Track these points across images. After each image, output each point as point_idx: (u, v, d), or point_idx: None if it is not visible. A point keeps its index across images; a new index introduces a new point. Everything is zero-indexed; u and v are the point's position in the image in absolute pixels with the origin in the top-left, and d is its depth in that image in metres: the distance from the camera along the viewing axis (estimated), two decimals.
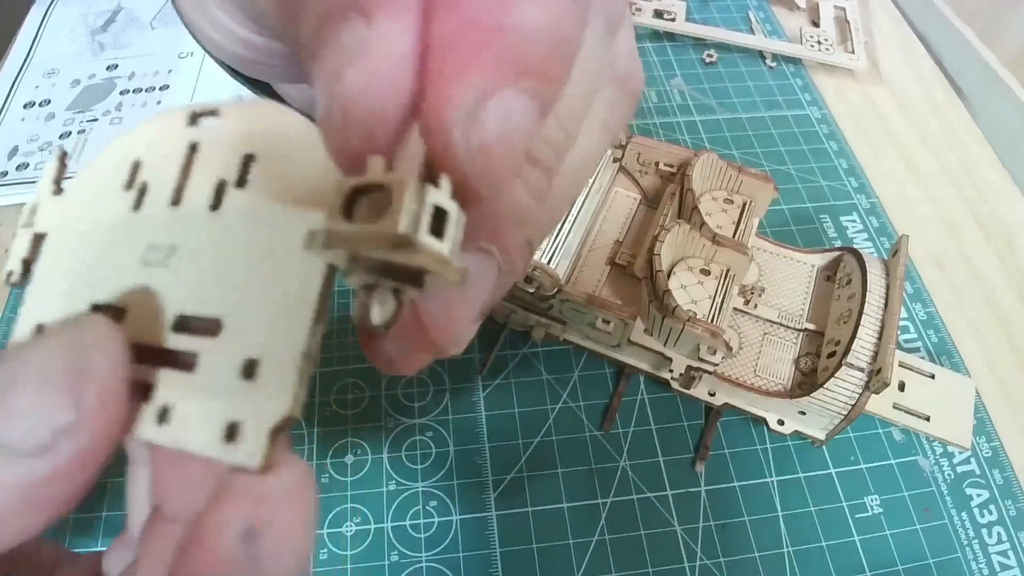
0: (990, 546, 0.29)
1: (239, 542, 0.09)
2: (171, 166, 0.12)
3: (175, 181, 0.12)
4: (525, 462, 0.31)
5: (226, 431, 0.10)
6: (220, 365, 0.11)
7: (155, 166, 0.12)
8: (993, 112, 0.45)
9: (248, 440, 0.10)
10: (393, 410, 0.32)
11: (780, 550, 0.29)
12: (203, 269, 0.11)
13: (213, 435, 0.10)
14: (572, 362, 0.34)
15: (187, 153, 0.12)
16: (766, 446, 0.31)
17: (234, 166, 0.12)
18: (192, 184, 0.12)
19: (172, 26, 0.50)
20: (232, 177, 0.12)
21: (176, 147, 0.12)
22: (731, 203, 0.33)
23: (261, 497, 0.10)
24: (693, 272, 0.30)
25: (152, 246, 0.12)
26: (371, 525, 0.29)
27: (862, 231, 0.39)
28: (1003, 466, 0.31)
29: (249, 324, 0.11)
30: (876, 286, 0.28)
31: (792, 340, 0.31)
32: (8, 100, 0.45)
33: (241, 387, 0.10)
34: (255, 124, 0.12)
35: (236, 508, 0.10)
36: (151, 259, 0.12)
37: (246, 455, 0.10)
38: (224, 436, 0.10)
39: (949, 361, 0.34)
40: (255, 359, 0.10)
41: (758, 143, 0.43)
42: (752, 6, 0.52)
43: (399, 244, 0.09)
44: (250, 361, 0.10)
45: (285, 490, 0.10)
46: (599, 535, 0.29)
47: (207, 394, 0.11)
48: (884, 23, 0.52)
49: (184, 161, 0.12)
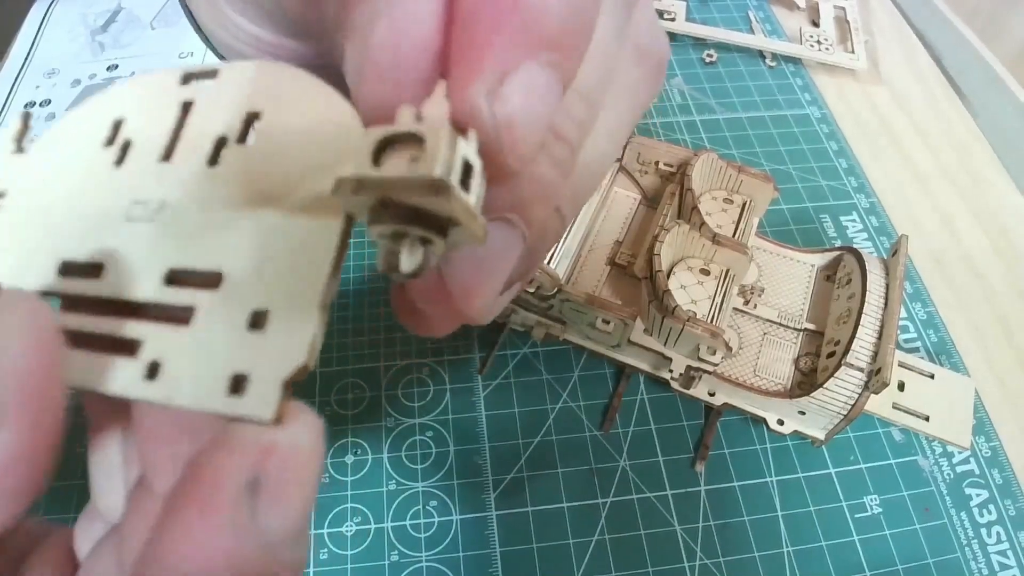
0: (989, 546, 0.29)
1: (242, 493, 0.09)
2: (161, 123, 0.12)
3: (165, 138, 0.11)
4: (525, 462, 0.31)
5: (231, 383, 0.10)
6: (222, 317, 0.10)
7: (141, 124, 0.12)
8: (993, 112, 0.45)
9: (257, 391, 0.09)
10: (393, 410, 0.32)
11: (780, 550, 0.29)
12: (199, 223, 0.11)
13: (215, 388, 0.10)
14: (572, 362, 0.34)
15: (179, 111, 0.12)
16: (766, 446, 0.31)
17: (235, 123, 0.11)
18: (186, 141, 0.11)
19: (172, 26, 0.50)
20: (233, 133, 0.11)
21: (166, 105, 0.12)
22: (731, 203, 0.33)
23: (269, 449, 0.09)
24: (693, 272, 0.30)
25: (138, 201, 0.11)
26: (371, 525, 0.29)
27: (862, 231, 0.39)
28: (1002, 466, 0.31)
29: (255, 276, 0.10)
30: (876, 286, 0.28)
31: (792, 340, 0.31)
32: (8, 100, 0.45)
33: (248, 338, 0.10)
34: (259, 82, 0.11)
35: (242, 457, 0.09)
36: (136, 214, 0.11)
37: (255, 407, 0.09)
38: (228, 388, 0.09)
39: (949, 361, 0.34)
40: (263, 310, 0.10)
41: (758, 143, 0.43)
42: (752, 6, 0.52)
43: (434, 189, 0.09)
44: (258, 312, 0.10)
45: (295, 444, 0.09)
46: (599, 535, 0.29)
47: (207, 347, 0.10)
48: (884, 23, 0.52)
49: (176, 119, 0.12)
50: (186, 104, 0.12)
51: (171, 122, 0.11)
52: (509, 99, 0.10)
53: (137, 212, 0.11)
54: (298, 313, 0.10)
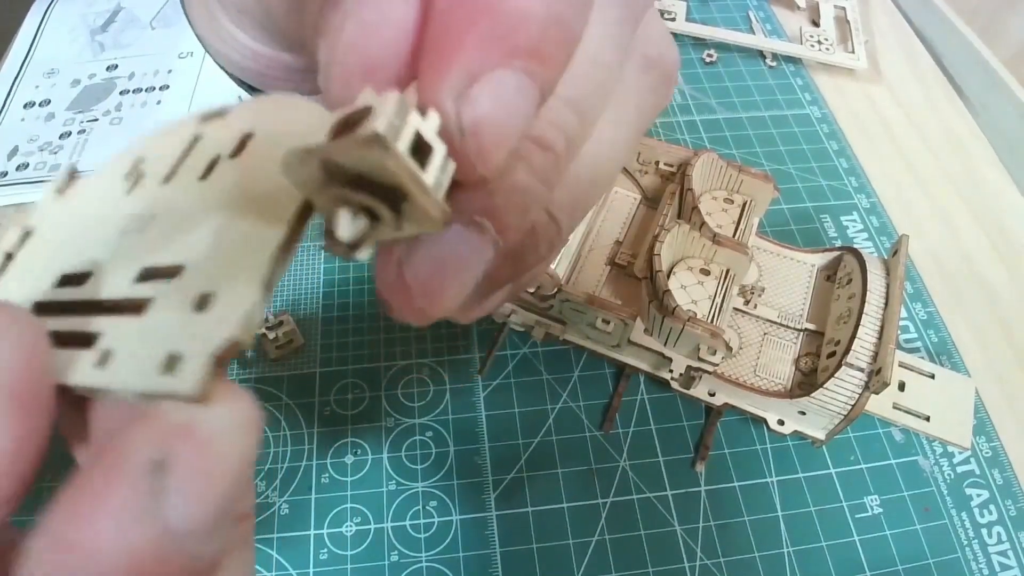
0: (990, 546, 0.29)
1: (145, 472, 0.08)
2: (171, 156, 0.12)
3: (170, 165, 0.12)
4: (525, 462, 0.31)
5: (165, 362, 0.09)
6: (173, 304, 0.10)
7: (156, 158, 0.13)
8: (993, 111, 0.45)
9: (186, 368, 0.09)
10: (393, 410, 0.32)
11: (780, 550, 0.29)
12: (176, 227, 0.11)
13: (150, 368, 0.09)
14: (572, 362, 0.34)
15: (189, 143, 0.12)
16: (766, 446, 0.31)
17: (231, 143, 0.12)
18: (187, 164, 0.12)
19: (172, 26, 0.50)
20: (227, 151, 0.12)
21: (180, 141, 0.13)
22: (731, 203, 0.33)
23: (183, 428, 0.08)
24: (693, 272, 0.30)
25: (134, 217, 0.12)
26: (371, 525, 0.29)
27: (862, 231, 0.39)
28: (1003, 466, 0.31)
29: (210, 263, 0.10)
30: (876, 286, 0.28)
31: (792, 340, 0.31)
32: (8, 100, 0.45)
33: (191, 320, 0.09)
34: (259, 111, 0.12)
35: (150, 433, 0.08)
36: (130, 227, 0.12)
37: (180, 382, 0.09)
38: (163, 368, 0.09)
39: (949, 361, 0.34)
40: (210, 292, 0.10)
41: (758, 143, 0.43)
42: (752, 6, 0.52)
43: (371, 143, 0.09)
44: (204, 295, 0.10)
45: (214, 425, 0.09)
46: (599, 535, 0.29)
47: (152, 331, 0.10)
48: (884, 23, 0.52)
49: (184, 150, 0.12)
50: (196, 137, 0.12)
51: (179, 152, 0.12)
52: (477, 103, 0.10)
53: (131, 226, 0.12)
54: (240, 290, 0.09)
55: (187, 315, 0.10)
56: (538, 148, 0.12)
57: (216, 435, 0.09)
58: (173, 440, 0.08)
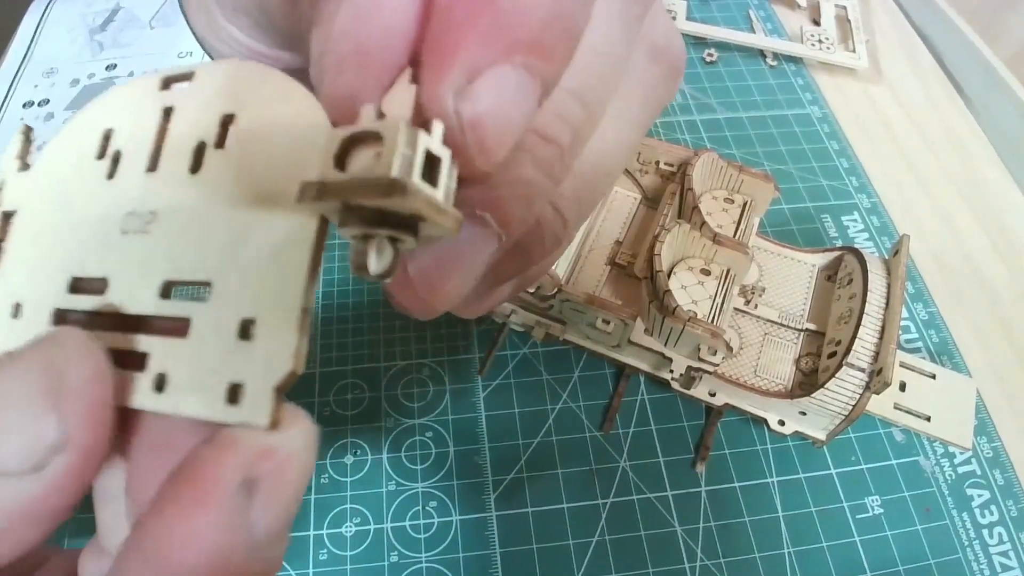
0: (991, 547, 0.29)
1: (237, 491, 0.09)
2: (145, 132, 0.12)
3: (150, 147, 0.11)
4: (525, 462, 0.31)
5: (228, 393, 0.10)
6: (214, 328, 0.10)
7: (127, 134, 0.12)
8: (994, 111, 0.45)
9: (251, 400, 0.10)
10: (393, 410, 0.32)
11: (781, 551, 0.29)
12: (186, 232, 0.11)
13: (215, 398, 0.10)
14: (572, 362, 0.34)
15: (161, 118, 0.12)
16: (766, 446, 0.31)
17: (212, 126, 0.11)
18: (169, 148, 0.11)
19: (171, 26, 0.49)
20: (211, 138, 0.11)
21: (149, 113, 0.12)
22: (731, 203, 0.33)
23: (266, 452, 0.10)
24: (693, 272, 0.30)
25: (131, 214, 0.11)
26: (371, 525, 0.29)
27: (863, 231, 0.39)
28: (1004, 466, 0.31)
29: (239, 284, 0.10)
30: (877, 286, 0.28)
31: (793, 340, 0.31)
32: (7, 100, 0.45)
33: (239, 348, 0.10)
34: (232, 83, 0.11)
35: (240, 457, 0.09)
36: (130, 227, 0.11)
37: (251, 414, 0.10)
38: (226, 398, 0.10)
39: (950, 361, 0.34)
40: (250, 318, 0.10)
41: (758, 142, 0.43)
42: (753, 5, 0.52)
43: (392, 190, 0.09)
44: (245, 321, 0.10)
45: (290, 448, 0.10)
46: (599, 535, 0.29)
47: (204, 358, 0.10)
48: (885, 22, 0.52)
49: (159, 126, 0.12)
50: (167, 110, 0.11)
51: (154, 129, 0.11)
52: (478, 100, 0.10)
53: (131, 224, 0.11)
54: (281, 321, 0.10)
55: (233, 342, 0.10)
56: (542, 141, 0.12)
57: (292, 456, 0.10)
58: (259, 463, 0.09)
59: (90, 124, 0.12)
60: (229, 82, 0.11)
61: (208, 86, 0.11)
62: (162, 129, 0.11)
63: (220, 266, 0.10)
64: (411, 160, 0.09)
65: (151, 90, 0.12)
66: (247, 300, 0.10)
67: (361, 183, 0.09)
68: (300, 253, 0.10)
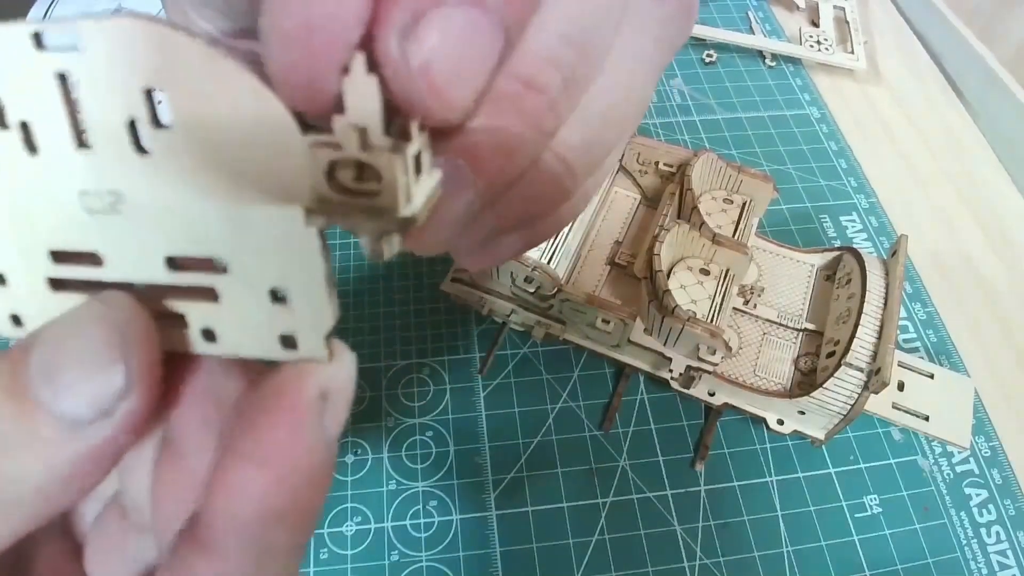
0: (989, 545, 0.29)
1: (317, 402, 0.11)
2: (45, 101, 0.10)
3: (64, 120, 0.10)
4: (525, 462, 0.31)
5: (282, 342, 0.11)
6: (245, 294, 0.11)
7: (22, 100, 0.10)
8: (992, 112, 0.45)
9: (307, 344, 0.11)
10: (393, 410, 0.32)
11: (779, 550, 0.29)
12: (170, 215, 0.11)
13: (271, 344, 0.11)
14: (572, 362, 0.34)
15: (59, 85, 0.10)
16: (765, 446, 0.31)
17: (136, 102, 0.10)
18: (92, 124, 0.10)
19: None
20: (141, 114, 0.10)
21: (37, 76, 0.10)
22: (731, 203, 0.33)
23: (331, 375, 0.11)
24: (693, 272, 0.31)
25: (84, 193, 0.11)
26: (371, 525, 0.29)
27: (861, 231, 0.39)
28: (1002, 466, 0.31)
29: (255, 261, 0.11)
30: (875, 286, 0.28)
31: (791, 340, 0.31)
32: None
33: (278, 309, 0.11)
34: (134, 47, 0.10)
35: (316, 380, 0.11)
36: (95, 206, 0.11)
37: (310, 353, 0.11)
38: (282, 345, 0.11)
39: (948, 361, 0.34)
40: (278, 288, 0.11)
41: (757, 143, 0.43)
42: (751, 6, 0.52)
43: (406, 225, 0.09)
44: (275, 290, 0.11)
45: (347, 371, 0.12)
46: (599, 535, 0.29)
47: (245, 316, 0.11)
48: (883, 23, 0.52)
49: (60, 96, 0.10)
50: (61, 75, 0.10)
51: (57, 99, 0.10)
52: (423, 40, 0.09)
53: (94, 204, 0.11)
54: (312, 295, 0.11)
55: (268, 305, 0.11)
56: (526, 88, 0.12)
57: (349, 376, 0.12)
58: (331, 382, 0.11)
59: None
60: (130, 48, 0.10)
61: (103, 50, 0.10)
62: (68, 100, 0.10)
63: (225, 246, 0.11)
64: (408, 186, 0.09)
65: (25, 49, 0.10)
66: (270, 274, 0.11)
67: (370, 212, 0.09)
68: (309, 244, 0.10)
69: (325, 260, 0.11)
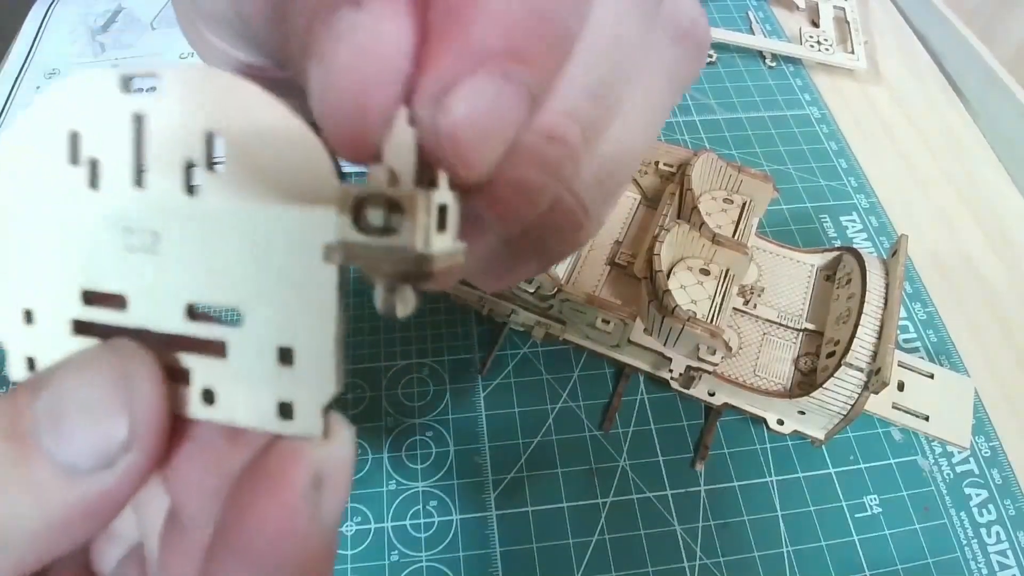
0: (989, 545, 0.29)
1: (310, 488, 0.11)
2: (118, 140, 0.11)
3: (130, 158, 0.11)
4: (525, 462, 0.31)
5: (279, 410, 0.11)
6: (253, 352, 0.11)
7: (98, 138, 0.11)
8: (992, 112, 0.45)
9: (304, 417, 0.11)
10: (393, 410, 0.32)
11: (780, 550, 0.29)
12: (200, 258, 0.11)
13: (267, 412, 0.11)
14: (572, 362, 0.34)
15: (132, 126, 0.11)
16: (765, 446, 0.31)
17: (197, 145, 0.11)
18: (152, 164, 0.11)
19: (173, 26, 0.50)
20: (199, 158, 0.11)
21: (115, 118, 0.11)
22: (731, 203, 0.33)
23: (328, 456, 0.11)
24: (693, 272, 0.31)
25: (129, 230, 0.11)
26: (371, 525, 0.29)
27: (861, 231, 0.39)
28: (1002, 466, 0.31)
29: (270, 314, 0.11)
30: (875, 286, 0.28)
31: (791, 340, 0.31)
32: (9, 101, 0.45)
33: (282, 371, 0.11)
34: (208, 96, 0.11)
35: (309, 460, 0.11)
36: (134, 244, 0.11)
37: (306, 428, 0.11)
38: (278, 414, 0.11)
39: (948, 361, 0.34)
40: (288, 347, 0.11)
41: (757, 143, 0.43)
42: (751, 6, 0.52)
43: (420, 264, 0.10)
44: (284, 349, 0.11)
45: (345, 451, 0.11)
46: (599, 535, 0.29)
47: (248, 378, 0.11)
48: (884, 23, 0.52)
49: (133, 136, 0.11)
50: (137, 117, 0.11)
51: (128, 138, 0.11)
52: (452, 110, 0.10)
53: (134, 242, 0.11)
54: (319, 351, 0.11)
55: (274, 366, 0.11)
56: (547, 141, 0.12)
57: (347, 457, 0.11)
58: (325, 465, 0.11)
59: (50, 122, 0.12)
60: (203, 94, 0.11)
61: (177, 96, 0.11)
62: (137, 140, 0.11)
63: (245, 295, 0.11)
64: (429, 228, 0.10)
65: (111, 90, 0.11)
66: (281, 330, 0.11)
67: (387, 251, 0.10)
68: (324, 289, 0.11)
69: (339, 311, 0.11)
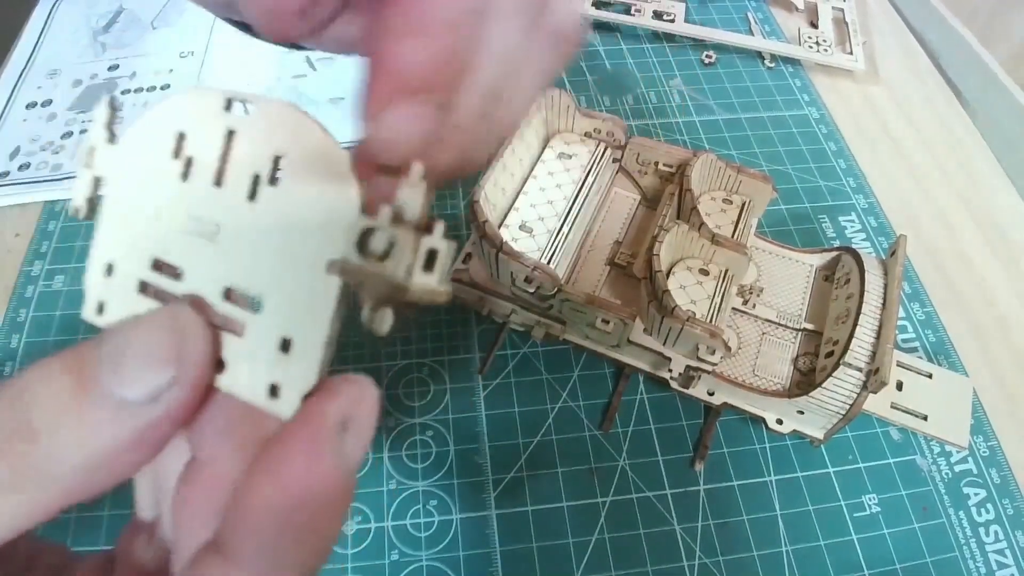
0: (987, 545, 0.29)
1: (337, 429, 0.12)
2: (212, 146, 0.14)
3: (217, 162, 0.14)
4: (525, 461, 0.31)
5: (270, 389, 0.13)
6: (263, 337, 0.13)
7: (198, 142, 0.14)
8: (991, 113, 0.45)
9: (285, 400, 0.13)
10: (393, 409, 0.32)
11: (779, 549, 0.29)
12: (244, 252, 0.14)
13: (260, 389, 0.13)
14: (572, 362, 0.34)
15: (225, 138, 0.14)
16: (765, 445, 0.32)
17: (266, 163, 0.14)
18: (231, 169, 0.14)
19: (173, 26, 0.50)
20: (264, 173, 0.14)
21: (216, 129, 0.14)
22: (730, 203, 0.33)
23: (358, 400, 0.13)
24: (692, 272, 0.31)
25: (196, 218, 0.14)
26: (372, 524, 0.29)
27: (860, 231, 0.40)
28: (1000, 465, 0.31)
29: (283, 308, 0.13)
30: (874, 286, 0.29)
31: (790, 340, 0.31)
32: (10, 101, 0.45)
33: (280, 358, 0.13)
34: (281, 124, 0.14)
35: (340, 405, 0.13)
36: (198, 230, 0.14)
37: (283, 409, 0.13)
38: (268, 392, 0.13)
39: (947, 361, 0.34)
40: (289, 338, 0.13)
41: (757, 143, 0.43)
42: (751, 7, 0.52)
43: (396, 291, 0.12)
44: (286, 339, 0.13)
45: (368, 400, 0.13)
46: (599, 534, 0.29)
47: (254, 357, 0.13)
48: (882, 24, 0.52)
49: (223, 145, 0.14)
50: (230, 132, 0.14)
51: (219, 147, 0.14)
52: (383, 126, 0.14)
53: (198, 229, 0.14)
54: (311, 346, 0.13)
55: (275, 352, 0.13)
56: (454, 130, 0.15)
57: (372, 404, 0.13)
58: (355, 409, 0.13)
59: (166, 122, 0.15)
60: (278, 124, 0.14)
61: (262, 121, 0.14)
62: (226, 150, 0.14)
63: (269, 289, 0.14)
64: (413, 265, 0.12)
65: (216, 107, 0.14)
66: (288, 323, 0.13)
67: (373, 276, 0.12)
68: (327, 298, 0.13)
69: (335, 317, 0.13)
